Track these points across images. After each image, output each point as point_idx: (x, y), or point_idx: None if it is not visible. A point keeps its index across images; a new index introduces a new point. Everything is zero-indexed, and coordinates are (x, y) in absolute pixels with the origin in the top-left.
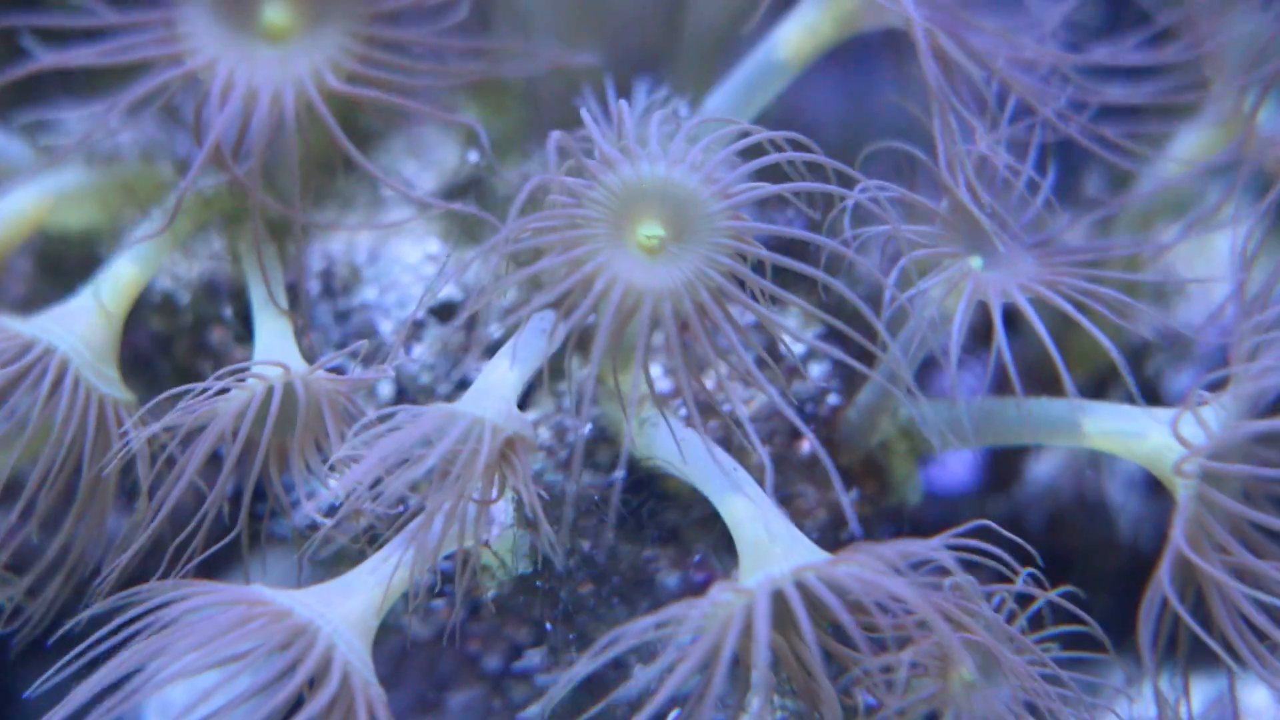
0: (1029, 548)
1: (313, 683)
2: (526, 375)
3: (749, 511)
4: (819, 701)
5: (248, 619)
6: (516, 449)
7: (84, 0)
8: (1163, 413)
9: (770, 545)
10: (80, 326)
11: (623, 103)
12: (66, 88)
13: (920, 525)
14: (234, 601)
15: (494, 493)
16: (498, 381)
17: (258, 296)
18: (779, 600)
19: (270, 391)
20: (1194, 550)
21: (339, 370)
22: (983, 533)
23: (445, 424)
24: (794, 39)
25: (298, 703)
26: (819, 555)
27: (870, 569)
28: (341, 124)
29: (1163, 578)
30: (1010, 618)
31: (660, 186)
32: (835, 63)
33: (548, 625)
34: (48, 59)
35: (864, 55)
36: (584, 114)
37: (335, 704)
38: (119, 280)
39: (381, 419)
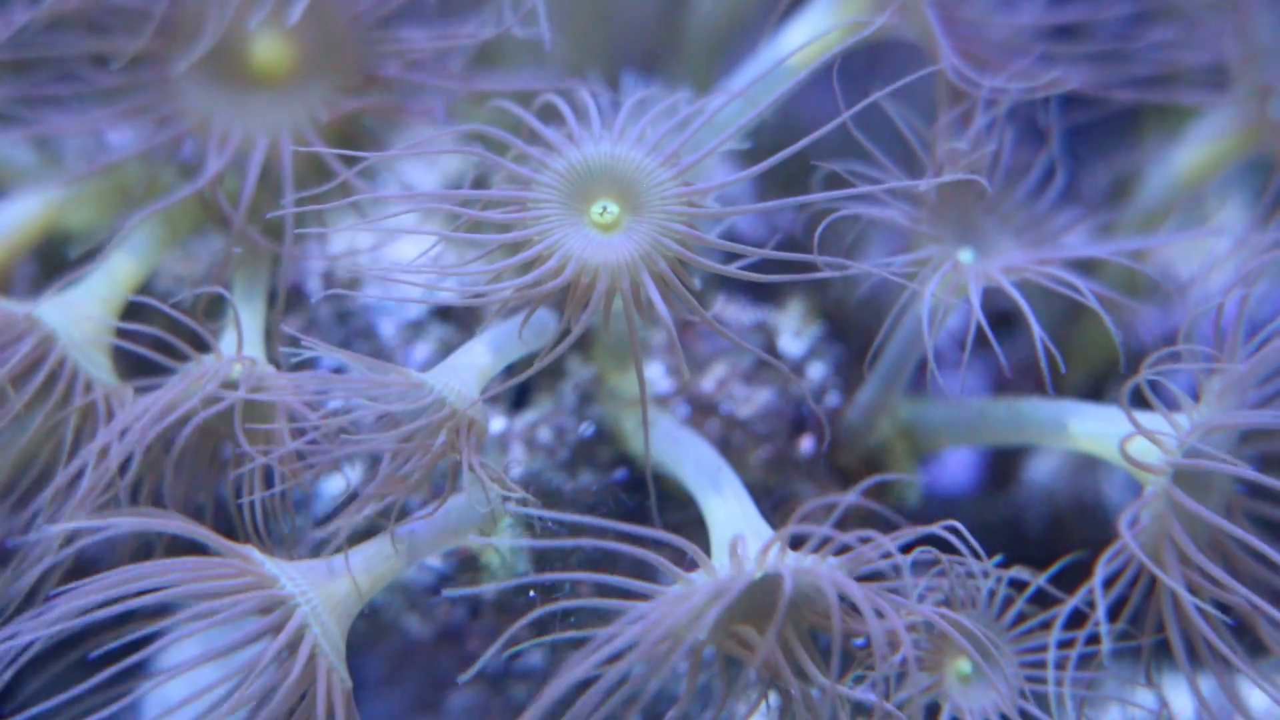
0: (981, 558)
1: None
2: (502, 363)
3: (723, 513)
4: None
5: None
6: (461, 431)
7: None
8: (1147, 417)
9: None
10: (71, 311)
11: (559, 100)
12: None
13: (919, 525)
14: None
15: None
16: (465, 364)
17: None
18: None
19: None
20: (1154, 553)
21: (338, 371)
22: (978, 531)
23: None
24: (802, 44)
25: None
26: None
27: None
28: (343, 127)
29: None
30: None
31: (608, 164)
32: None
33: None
34: (59, 120)
35: (862, 56)
36: (523, 115)
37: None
38: (113, 273)
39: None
